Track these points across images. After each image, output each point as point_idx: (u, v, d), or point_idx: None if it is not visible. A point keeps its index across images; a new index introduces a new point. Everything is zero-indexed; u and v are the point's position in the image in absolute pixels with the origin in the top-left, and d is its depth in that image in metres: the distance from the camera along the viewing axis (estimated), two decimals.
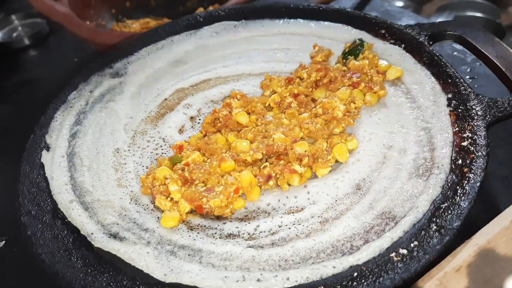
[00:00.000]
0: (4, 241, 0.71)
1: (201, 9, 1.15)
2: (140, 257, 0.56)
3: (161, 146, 0.72)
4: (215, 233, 0.59)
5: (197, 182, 0.62)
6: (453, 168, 0.60)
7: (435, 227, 0.53)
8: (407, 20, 1.07)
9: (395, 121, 0.69)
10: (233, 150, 0.66)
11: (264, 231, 0.58)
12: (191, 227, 0.60)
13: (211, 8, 1.11)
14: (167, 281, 0.53)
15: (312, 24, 0.88)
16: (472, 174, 0.57)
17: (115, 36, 0.97)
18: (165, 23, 0.96)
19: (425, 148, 0.64)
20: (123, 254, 0.56)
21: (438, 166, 0.60)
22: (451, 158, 0.61)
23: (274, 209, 0.61)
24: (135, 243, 0.57)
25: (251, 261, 0.54)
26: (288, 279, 0.52)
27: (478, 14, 1.23)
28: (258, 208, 0.61)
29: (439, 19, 1.19)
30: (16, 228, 0.61)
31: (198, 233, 0.59)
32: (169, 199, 0.61)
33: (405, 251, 0.52)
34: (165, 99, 0.80)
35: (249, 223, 0.59)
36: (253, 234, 0.58)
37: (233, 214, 0.61)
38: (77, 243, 0.59)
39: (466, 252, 0.51)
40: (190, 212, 0.61)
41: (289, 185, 0.63)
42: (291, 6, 0.91)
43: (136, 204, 0.64)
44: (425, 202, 0.57)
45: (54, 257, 0.57)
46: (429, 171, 0.60)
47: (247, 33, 0.90)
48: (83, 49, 1.13)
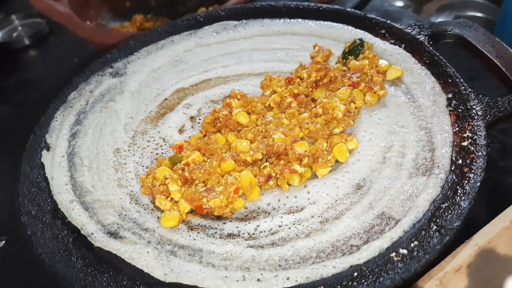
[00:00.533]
0: (4, 241, 0.71)
1: (202, 9, 1.15)
2: (140, 257, 0.56)
3: (161, 146, 0.72)
4: (215, 233, 0.59)
5: (197, 182, 0.62)
6: (453, 168, 0.60)
7: (435, 227, 0.53)
8: (407, 20, 1.07)
9: (395, 121, 0.69)
10: (233, 150, 0.66)
11: (264, 231, 0.58)
12: (191, 227, 0.60)
13: (211, 8, 1.11)
14: (167, 281, 0.53)
15: (312, 24, 0.88)
16: (472, 174, 0.57)
17: (115, 36, 0.98)
18: (165, 23, 0.96)
19: (425, 148, 0.63)
20: (123, 254, 0.56)
21: (438, 166, 0.60)
22: (451, 158, 0.61)
23: (274, 209, 0.61)
24: (135, 243, 0.57)
25: (251, 261, 0.54)
26: (288, 279, 0.52)
27: (478, 14, 1.23)
28: (258, 208, 0.61)
29: (439, 19, 1.19)
30: (16, 228, 0.61)
31: (198, 233, 0.59)
32: (169, 199, 0.61)
33: (405, 251, 0.52)
34: (165, 99, 0.80)
35: (249, 223, 0.59)
36: (253, 234, 0.58)
37: (233, 214, 0.61)
38: (77, 243, 0.59)
39: (466, 252, 0.51)
40: (190, 212, 0.61)
41: (289, 185, 0.63)
42: (291, 6, 0.91)
43: (136, 204, 0.64)
44: (425, 202, 0.57)
45: (54, 257, 0.57)
46: (429, 171, 0.60)
47: (247, 33, 0.90)
48: (83, 49, 1.13)
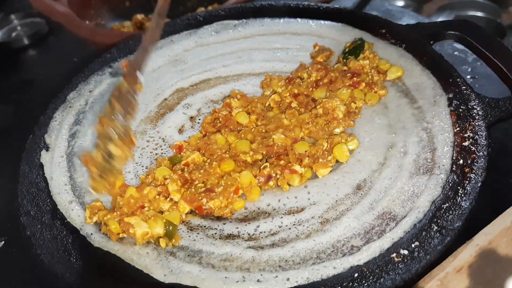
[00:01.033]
0: (3, 242, 0.71)
1: (201, 9, 1.15)
2: (140, 257, 0.56)
3: (161, 146, 0.72)
4: (215, 234, 0.58)
5: (197, 183, 0.62)
6: (454, 168, 0.59)
7: (436, 228, 0.53)
8: (408, 20, 1.07)
9: (396, 121, 0.68)
10: (233, 150, 0.66)
11: (264, 232, 0.58)
12: (191, 228, 0.60)
13: (211, 8, 1.11)
14: (167, 282, 0.53)
15: (312, 24, 0.88)
16: (473, 174, 0.57)
17: (115, 36, 0.97)
18: (165, 23, 0.96)
19: (426, 148, 0.63)
20: (123, 254, 0.56)
21: (439, 166, 0.60)
22: (452, 158, 0.61)
23: (274, 210, 0.60)
24: (135, 243, 0.57)
25: (251, 262, 0.54)
26: (288, 280, 0.52)
27: (479, 14, 1.23)
28: (258, 209, 0.61)
29: (440, 19, 1.19)
30: (15, 229, 0.61)
31: (198, 234, 0.59)
32: (169, 200, 0.61)
33: (406, 252, 0.52)
34: (165, 99, 0.80)
35: (249, 224, 0.59)
36: (253, 235, 0.58)
37: (233, 215, 0.60)
38: (77, 244, 0.58)
39: (467, 253, 0.51)
40: (190, 213, 0.61)
41: (289, 185, 0.62)
42: (291, 6, 0.91)
43: None
44: (426, 203, 0.57)
45: (53, 258, 0.57)
46: (430, 171, 0.60)
47: (247, 33, 0.90)
48: (83, 49, 1.13)
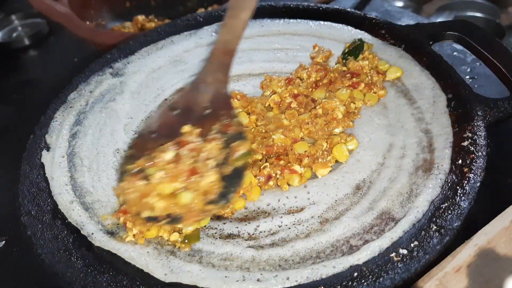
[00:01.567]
0: (4, 241, 0.71)
1: (201, 10, 1.15)
2: (140, 257, 0.56)
3: None
4: (215, 233, 0.59)
5: None
6: (453, 168, 0.60)
7: (435, 227, 0.53)
8: (407, 20, 1.07)
9: (395, 122, 0.69)
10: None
11: (264, 231, 0.58)
12: None
13: (211, 8, 1.11)
14: (167, 281, 0.53)
15: (312, 24, 0.88)
16: (472, 174, 0.57)
17: (115, 36, 0.97)
18: (165, 23, 0.96)
19: (425, 149, 0.63)
20: (123, 254, 0.56)
21: (438, 166, 0.60)
22: (451, 158, 0.61)
23: (274, 209, 0.61)
24: (135, 243, 0.57)
25: (251, 261, 0.54)
26: (288, 279, 0.52)
27: (478, 14, 1.23)
28: (258, 208, 0.61)
29: (439, 19, 1.19)
30: (16, 228, 0.61)
31: None
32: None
33: (405, 251, 0.52)
34: (165, 99, 0.80)
35: (249, 223, 0.59)
36: (253, 234, 0.58)
37: (233, 214, 0.61)
38: (77, 243, 0.59)
39: (466, 252, 0.51)
40: None
41: (289, 185, 0.63)
42: (291, 6, 0.91)
43: None
44: (425, 202, 0.57)
45: (54, 257, 0.57)
46: (429, 171, 0.60)
47: (247, 33, 0.89)
48: (83, 49, 1.13)
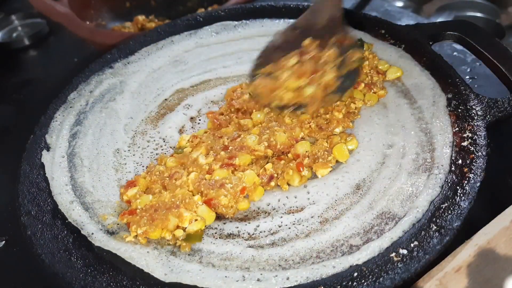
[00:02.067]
0: (4, 241, 0.71)
1: (201, 10, 1.15)
2: (141, 257, 0.56)
3: (161, 146, 0.72)
4: (215, 233, 0.59)
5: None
6: (453, 168, 0.60)
7: (435, 227, 0.53)
8: (407, 20, 1.07)
9: (395, 121, 0.69)
10: (243, 142, 0.66)
11: (264, 231, 0.58)
12: None
13: (211, 8, 1.11)
14: (167, 281, 0.53)
15: None
16: (472, 174, 0.57)
17: (115, 36, 0.97)
18: (165, 23, 0.96)
19: (425, 148, 0.64)
20: (123, 253, 0.56)
21: (438, 166, 0.60)
22: (451, 158, 0.61)
23: (274, 209, 0.61)
24: (135, 243, 0.57)
25: (251, 261, 0.54)
26: (288, 279, 0.52)
27: (478, 14, 1.23)
28: (258, 208, 0.61)
29: (439, 19, 1.19)
30: (16, 228, 0.61)
31: None
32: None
33: (405, 251, 0.52)
34: (165, 100, 0.80)
35: (249, 223, 0.59)
36: (253, 234, 0.58)
37: (234, 214, 0.61)
38: (77, 243, 0.59)
39: (466, 252, 0.51)
40: None
41: (289, 185, 0.63)
42: (291, 6, 0.91)
43: None
44: (425, 202, 0.57)
45: (54, 257, 0.57)
46: (429, 171, 0.60)
47: (247, 33, 0.90)
48: (83, 49, 1.13)
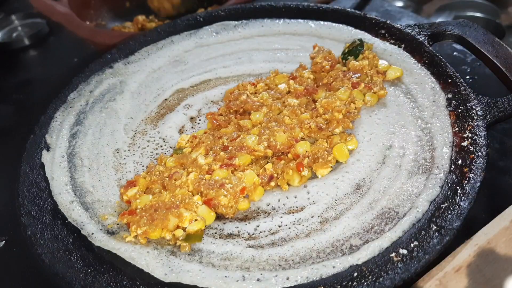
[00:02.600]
0: (4, 241, 0.71)
1: (201, 10, 1.15)
2: (141, 256, 0.56)
3: (161, 146, 0.72)
4: (215, 233, 0.59)
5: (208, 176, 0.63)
6: (453, 168, 0.60)
7: (435, 227, 0.53)
8: (407, 20, 1.07)
9: (395, 121, 0.69)
10: (242, 143, 0.66)
11: (264, 231, 0.58)
12: None
13: (211, 9, 1.11)
14: (167, 281, 0.53)
15: (312, 24, 0.88)
16: (472, 174, 0.57)
17: (115, 36, 0.97)
18: (165, 23, 0.96)
19: (425, 148, 0.64)
20: (123, 253, 0.56)
21: (438, 166, 0.60)
22: (451, 158, 0.61)
23: (274, 209, 0.61)
24: (135, 243, 0.57)
25: (251, 261, 0.54)
26: (288, 279, 0.52)
27: (478, 14, 1.23)
28: (258, 208, 0.61)
29: (439, 19, 1.19)
30: (16, 228, 0.61)
31: None
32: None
33: (405, 251, 0.52)
34: (165, 100, 0.80)
35: (249, 223, 0.59)
36: (253, 234, 0.58)
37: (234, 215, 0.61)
38: (77, 243, 0.59)
39: (466, 252, 0.51)
40: None
41: (289, 185, 0.63)
42: (291, 6, 0.91)
43: None
44: (425, 202, 0.57)
45: (54, 257, 0.57)
46: (429, 171, 0.60)
47: (247, 33, 0.90)
48: (83, 49, 1.13)
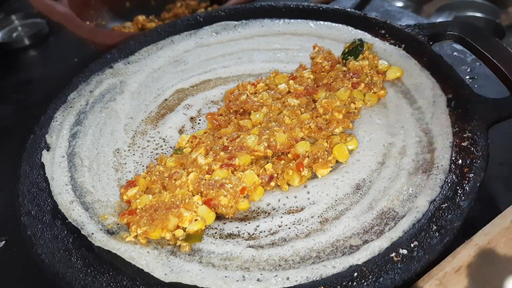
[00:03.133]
0: (4, 241, 0.71)
1: (201, 10, 1.15)
2: (141, 256, 0.56)
3: (161, 146, 0.72)
4: (215, 233, 0.59)
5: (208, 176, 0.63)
6: (453, 168, 0.60)
7: (435, 227, 0.53)
8: (407, 20, 1.07)
9: (395, 122, 0.69)
10: (242, 143, 0.66)
11: (264, 231, 0.58)
12: None
13: (211, 9, 1.11)
14: (167, 281, 0.53)
15: (312, 24, 0.88)
16: (472, 175, 0.57)
17: (115, 36, 0.97)
18: (165, 23, 0.96)
19: (425, 149, 0.64)
20: (123, 253, 0.56)
21: (438, 166, 0.60)
22: (451, 159, 0.61)
23: (274, 209, 0.61)
24: (135, 243, 0.57)
25: (251, 261, 0.54)
26: (288, 279, 0.52)
27: (478, 14, 1.23)
28: (258, 208, 0.61)
29: (439, 19, 1.19)
30: (16, 228, 0.61)
31: None
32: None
33: (405, 251, 0.52)
34: (165, 100, 0.80)
35: (249, 223, 0.59)
36: (253, 234, 0.58)
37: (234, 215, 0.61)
38: (77, 243, 0.59)
39: (466, 252, 0.51)
40: None
41: (289, 185, 0.63)
42: (291, 6, 0.91)
43: None
44: (425, 202, 0.57)
45: (54, 257, 0.57)
46: (429, 171, 0.60)
47: (247, 33, 0.90)
48: (83, 49, 1.13)
